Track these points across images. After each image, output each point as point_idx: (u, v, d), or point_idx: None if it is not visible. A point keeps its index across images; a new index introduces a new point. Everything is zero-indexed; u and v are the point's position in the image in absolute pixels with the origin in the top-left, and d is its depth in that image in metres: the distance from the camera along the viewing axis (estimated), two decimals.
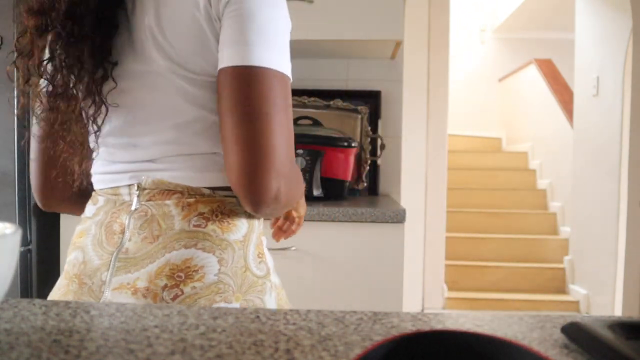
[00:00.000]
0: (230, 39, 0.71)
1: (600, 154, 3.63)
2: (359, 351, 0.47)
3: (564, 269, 4.27)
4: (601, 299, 3.69)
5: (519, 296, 4.10)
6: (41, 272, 1.88)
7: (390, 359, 0.40)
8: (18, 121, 1.78)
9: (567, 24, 4.88)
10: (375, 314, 0.58)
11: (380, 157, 2.29)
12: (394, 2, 1.97)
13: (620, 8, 3.37)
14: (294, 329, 0.53)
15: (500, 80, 6.55)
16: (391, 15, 1.97)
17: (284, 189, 0.72)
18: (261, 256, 0.81)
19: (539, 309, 4.02)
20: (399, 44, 2.08)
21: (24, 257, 1.82)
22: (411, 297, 3.69)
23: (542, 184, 5.28)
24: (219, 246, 0.75)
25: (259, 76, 0.70)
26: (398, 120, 2.35)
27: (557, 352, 0.48)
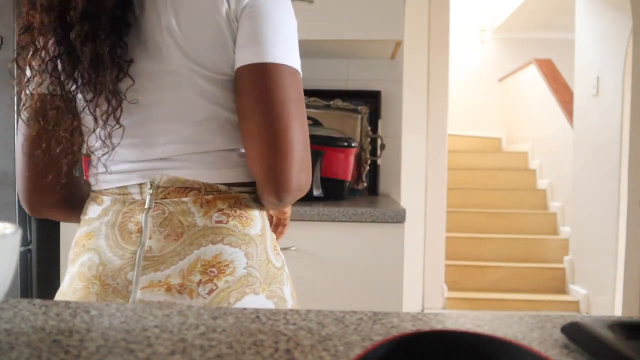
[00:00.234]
0: (247, 39, 0.75)
1: (600, 154, 3.63)
2: (359, 351, 0.47)
3: (564, 269, 4.27)
4: (601, 299, 3.69)
5: (519, 296, 4.10)
6: (41, 272, 1.88)
7: (390, 359, 0.40)
8: (18, 121, 1.79)
9: (567, 24, 4.88)
10: (375, 314, 0.58)
11: (380, 157, 2.29)
12: (394, 2, 1.97)
13: (620, 8, 3.37)
14: (294, 329, 0.53)
15: (500, 80, 6.54)
16: (391, 15, 1.97)
17: (304, 177, 0.77)
18: (276, 249, 0.85)
19: (539, 309, 4.02)
20: (399, 44, 2.08)
21: (24, 257, 1.82)
22: (411, 297, 3.69)
23: (542, 184, 5.28)
24: (243, 241, 0.78)
25: (276, 72, 0.75)
26: (398, 120, 2.35)
27: (557, 352, 0.48)
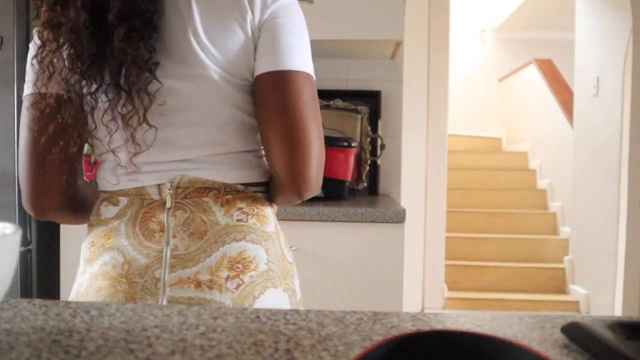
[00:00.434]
0: (268, 48, 0.80)
1: (600, 154, 3.63)
2: (359, 351, 0.47)
3: (564, 269, 4.27)
4: (601, 299, 3.69)
5: (519, 296, 4.10)
6: (41, 272, 1.88)
7: (390, 359, 0.40)
8: (18, 121, 1.78)
9: (567, 24, 4.88)
10: (375, 314, 0.58)
11: (380, 157, 2.29)
12: (394, 2, 1.97)
13: (620, 8, 3.37)
14: (294, 329, 0.53)
15: (500, 80, 6.54)
16: (391, 15, 1.97)
17: (321, 175, 0.83)
18: (287, 245, 0.90)
19: (539, 309, 4.02)
20: (399, 44, 2.08)
21: (24, 257, 1.82)
22: (411, 297, 3.69)
23: (542, 184, 5.28)
24: (262, 238, 0.83)
25: (295, 79, 0.80)
26: (398, 120, 2.35)
27: (557, 352, 0.48)
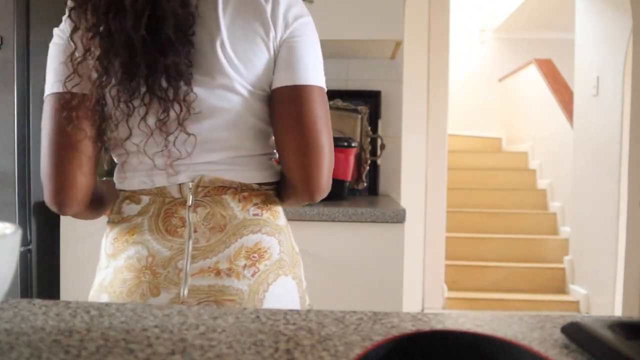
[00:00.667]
0: (287, 63, 0.88)
1: (600, 154, 3.63)
2: (359, 351, 0.47)
3: (564, 269, 4.27)
4: (601, 299, 3.69)
5: (519, 296, 4.10)
6: (41, 272, 1.88)
7: (390, 359, 0.40)
8: (18, 121, 1.78)
9: (567, 24, 4.88)
10: (375, 314, 0.58)
11: (380, 157, 2.29)
12: (394, 2, 1.97)
13: (620, 8, 3.37)
14: (294, 329, 0.53)
15: (500, 80, 6.54)
16: (391, 15, 1.97)
17: (330, 180, 0.92)
18: (293, 237, 0.98)
19: (539, 309, 4.02)
20: (399, 44, 2.08)
21: (24, 257, 1.82)
22: (411, 297, 3.69)
23: (542, 184, 5.28)
24: (275, 230, 0.92)
25: (310, 93, 0.88)
26: (398, 120, 2.35)
27: (557, 352, 0.48)
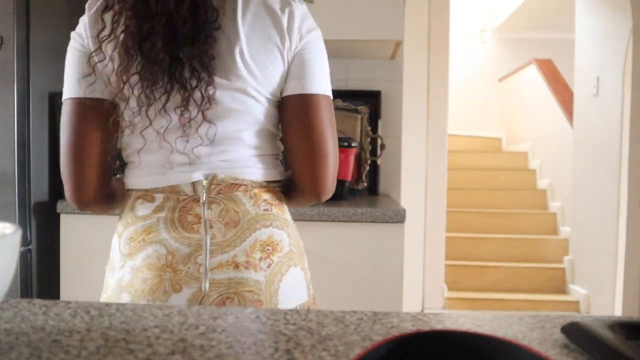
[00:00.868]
0: (298, 72, 0.94)
1: (600, 154, 3.63)
2: (359, 351, 0.47)
3: (564, 269, 4.27)
4: (601, 299, 3.69)
5: (519, 296, 4.09)
6: (41, 272, 1.88)
7: (390, 359, 0.40)
8: (18, 121, 1.78)
9: (567, 24, 4.88)
10: (375, 314, 0.58)
11: (380, 157, 2.29)
12: (394, 2, 1.97)
13: (620, 8, 3.36)
14: (294, 329, 0.53)
15: (500, 80, 6.54)
16: (391, 15, 1.97)
17: (335, 181, 0.99)
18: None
19: (539, 309, 4.02)
20: (399, 44, 2.08)
21: (24, 257, 1.82)
22: (411, 297, 3.69)
23: (542, 184, 5.28)
24: (284, 224, 0.96)
25: (319, 101, 0.94)
26: (398, 120, 2.35)
27: (557, 352, 0.48)
